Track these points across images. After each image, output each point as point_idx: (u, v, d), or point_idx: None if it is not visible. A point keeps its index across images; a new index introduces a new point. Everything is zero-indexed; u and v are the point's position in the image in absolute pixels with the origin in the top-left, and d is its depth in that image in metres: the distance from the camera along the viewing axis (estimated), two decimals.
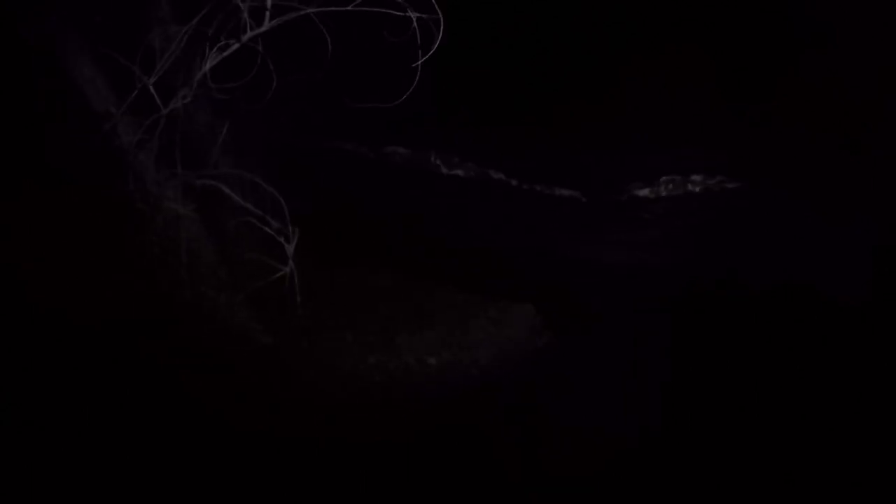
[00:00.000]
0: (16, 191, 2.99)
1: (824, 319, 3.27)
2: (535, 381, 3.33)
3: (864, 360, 3.09)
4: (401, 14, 2.92)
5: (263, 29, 2.99)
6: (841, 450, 2.83)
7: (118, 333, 2.91)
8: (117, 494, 2.59)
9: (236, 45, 3.01)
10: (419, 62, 2.98)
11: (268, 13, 2.96)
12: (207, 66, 3.05)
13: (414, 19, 2.92)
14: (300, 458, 2.86)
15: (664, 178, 3.82)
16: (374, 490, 2.78)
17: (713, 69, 3.74)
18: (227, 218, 3.34)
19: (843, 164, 3.54)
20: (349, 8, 2.92)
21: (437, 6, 2.90)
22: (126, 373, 2.85)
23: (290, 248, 3.05)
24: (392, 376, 3.47)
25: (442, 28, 2.92)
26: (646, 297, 3.50)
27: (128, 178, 3.20)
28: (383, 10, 2.91)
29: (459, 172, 3.93)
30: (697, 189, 3.79)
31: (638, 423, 2.99)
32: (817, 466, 2.78)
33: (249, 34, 2.99)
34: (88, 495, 2.58)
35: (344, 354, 3.51)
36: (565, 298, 3.70)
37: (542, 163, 3.91)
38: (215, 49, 3.01)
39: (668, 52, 3.71)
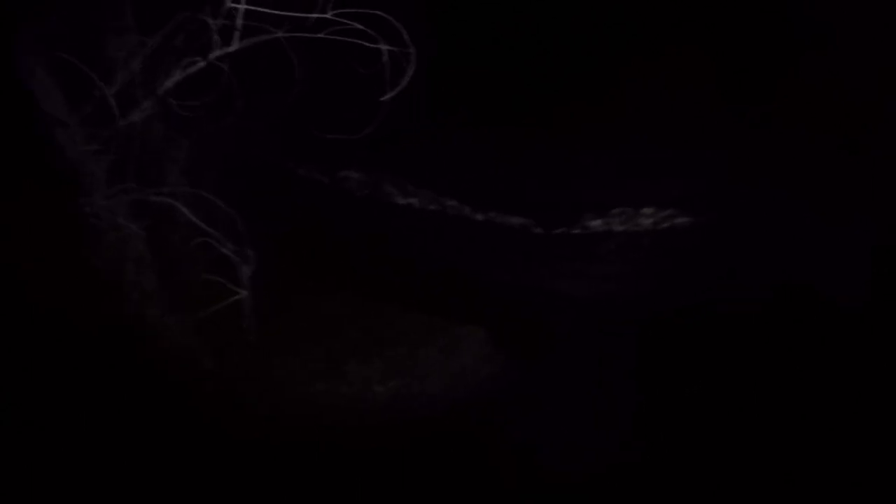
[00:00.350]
0: (16, 191, 2.91)
1: (823, 320, 3.30)
2: (493, 403, 3.35)
3: (864, 360, 3.15)
4: (372, 46, 2.93)
5: (232, 49, 2.96)
6: (840, 451, 2.90)
7: (117, 336, 2.86)
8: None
9: (202, 63, 2.97)
10: (386, 97, 3.00)
11: (237, 33, 2.94)
12: (171, 81, 2.99)
13: (385, 52, 2.94)
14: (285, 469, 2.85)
15: (616, 209, 3.86)
16: (370, 499, 2.77)
17: (713, 70, 3.71)
18: (182, 238, 3.27)
19: (842, 164, 3.54)
20: (321, 35, 2.92)
21: (408, 41, 2.93)
22: (124, 374, 2.80)
23: (246, 271, 3.00)
24: (339, 403, 3.46)
25: (414, 63, 2.94)
26: (613, 320, 3.53)
27: (78, 189, 3.11)
28: (355, 41, 2.93)
29: (414, 201, 3.95)
30: (649, 221, 3.82)
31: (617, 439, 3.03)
32: (816, 468, 2.85)
33: (217, 53, 2.96)
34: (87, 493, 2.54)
35: (292, 380, 3.48)
36: (526, 322, 3.72)
37: (496, 188, 3.93)
38: (181, 65, 2.96)
39: (668, 53, 3.69)
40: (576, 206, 3.88)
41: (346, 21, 2.88)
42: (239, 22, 2.92)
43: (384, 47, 2.93)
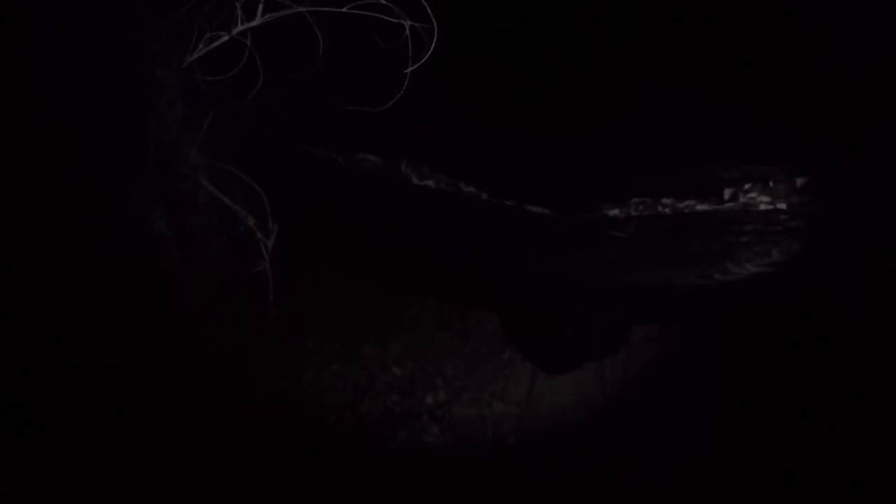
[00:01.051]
0: (16, 191, 2.90)
1: (823, 319, 3.30)
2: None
3: (864, 360, 3.16)
4: (394, 21, 2.96)
5: (255, 23, 2.97)
6: (839, 453, 2.93)
7: (117, 335, 2.83)
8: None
9: (226, 37, 2.98)
10: (408, 70, 3.02)
11: (261, 6, 2.95)
12: (193, 57, 2.99)
13: (407, 27, 2.97)
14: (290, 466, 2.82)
15: (635, 199, 3.87)
16: (369, 496, 2.75)
17: (713, 65, 3.69)
18: (204, 214, 3.24)
19: (842, 161, 3.54)
20: (344, 10, 2.94)
21: (432, 16, 2.95)
22: (125, 375, 2.78)
23: (268, 244, 2.98)
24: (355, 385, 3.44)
25: (435, 38, 2.97)
26: (624, 314, 3.54)
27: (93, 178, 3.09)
28: (377, 16, 2.95)
29: (430, 183, 3.95)
30: (668, 211, 3.81)
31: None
32: (816, 469, 2.89)
33: (240, 27, 2.97)
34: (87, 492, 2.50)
35: (306, 362, 3.45)
36: (537, 311, 3.71)
37: (514, 176, 3.93)
38: (204, 39, 2.96)
39: (669, 47, 3.67)
40: (594, 195, 3.88)
41: None
42: None
43: (406, 22, 2.96)
